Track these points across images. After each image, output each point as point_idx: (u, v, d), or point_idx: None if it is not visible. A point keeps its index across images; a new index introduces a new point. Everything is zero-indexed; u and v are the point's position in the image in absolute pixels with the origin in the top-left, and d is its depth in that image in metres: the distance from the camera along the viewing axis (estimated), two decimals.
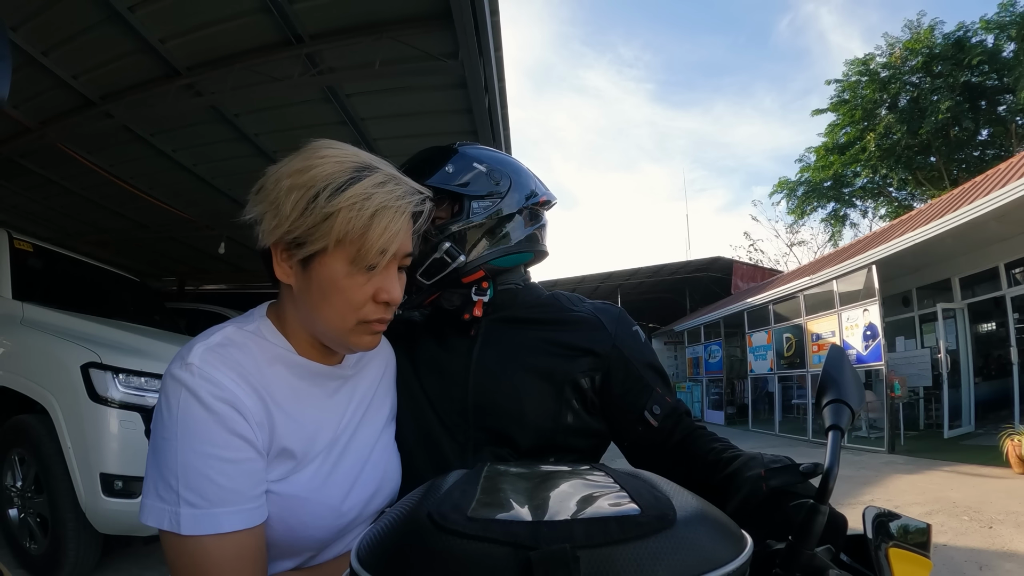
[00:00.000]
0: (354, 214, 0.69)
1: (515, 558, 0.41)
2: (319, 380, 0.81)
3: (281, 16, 3.97)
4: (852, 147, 18.44)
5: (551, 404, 0.95)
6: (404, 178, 0.77)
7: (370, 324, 0.76)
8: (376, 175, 0.73)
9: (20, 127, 5.09)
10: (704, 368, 15.99)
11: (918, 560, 0.59)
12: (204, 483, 0.65)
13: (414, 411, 0.98)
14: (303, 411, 0.77)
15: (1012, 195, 6.66)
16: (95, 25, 3.95)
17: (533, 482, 0.59)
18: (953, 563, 3.41)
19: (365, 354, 0.90)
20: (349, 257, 0.72)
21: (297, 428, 0.75)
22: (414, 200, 0.75)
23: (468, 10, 3.54)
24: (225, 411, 0.68)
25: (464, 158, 1.00)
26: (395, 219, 0.72)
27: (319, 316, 0.75)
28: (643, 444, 0.98)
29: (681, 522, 0.45)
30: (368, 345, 0.79)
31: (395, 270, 0.77)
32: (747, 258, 24.43)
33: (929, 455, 7.51)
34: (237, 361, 0.72)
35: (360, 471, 0.82)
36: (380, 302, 0.75)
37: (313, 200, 0.70)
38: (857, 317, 9.15)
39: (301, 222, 0.71)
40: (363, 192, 0.70)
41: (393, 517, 0.53)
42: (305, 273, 0.74)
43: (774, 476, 0.73)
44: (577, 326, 1.01)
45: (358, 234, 0.70)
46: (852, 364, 0.72)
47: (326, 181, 0.70)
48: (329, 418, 0.81)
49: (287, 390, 0.76)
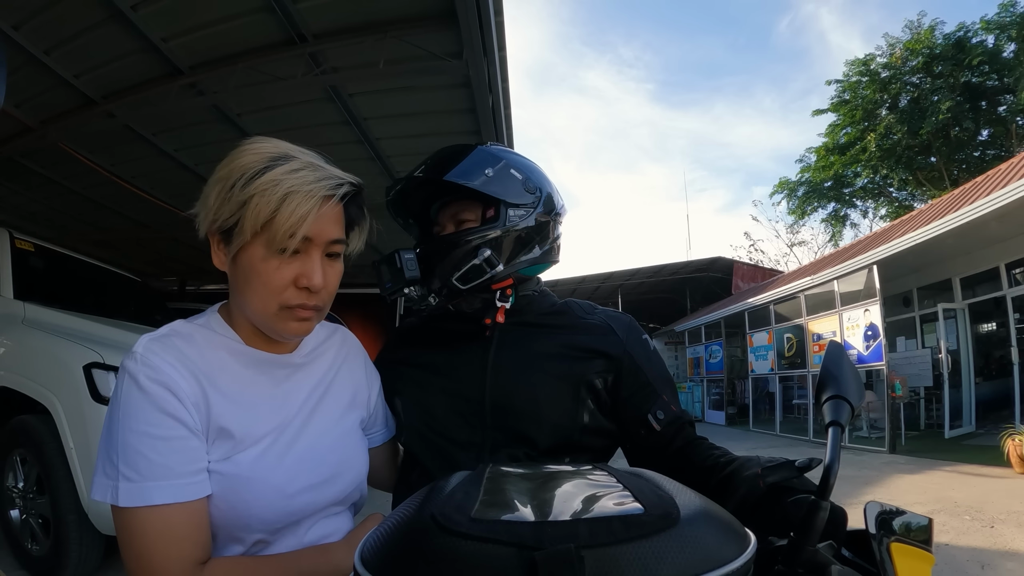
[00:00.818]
0: (264, 199, 0.73)
1: (519, 559, 0.41)
2: (266, 368, 0.84)
3: (284, 15, 3.96)
4: (852, 147, 18.41)
5: (568, 404, 0.97)
6: (326, 167, 0.79)
7: (293, 310, 0.78)
8: (292, 163, 0.76)
9: (21, 126, 5.09)
10: (705, 368, 15.97)
11: (920, 554, 0.59)
12: (138, 459, 0.70)
13: (427, 412, 0.99)
14: (244, 395, 0.80)
15: (1013, 195, 6.65)
16: (97, 24, 3.95)
17: (536, 482, 0.59)
18: (955, 562, 3.41)
19: (320, 344, 0.93)
20: (265, 242, 0.75)
21: (236, 410, 0.78)
22: (326, 185, 0.76)
23: (473, 9, 3.53)
24: (159, 392, 0.72)
25: (503, 163, 1.00)
26: (304, 202, 0.73)
27: (246, 302, 0.79)
28: (644, 448, 1.00)
29: (685, 520, 0.45)
30: (295, 331, 0.81)
31: (317, 256, 0.78)
32: (747, 258, 24.46)
33: (930, 455, 7.50)
34: (178, 348, 0.77)
35: (313, 456, 0.83)
36: (301, 287, 0.77)
37: (231, 189, 0.75)
38: (858, 317, 9.14)
39: (222, 211, 0.75)
40: (274, 179, 0.73)
41: (396, 519, 0.53)
42: (234, 262, 0.78)
43: (770, 473, 0.74)
44: (590, 331, 1.03)
45: (269, 218, 0.73)
46: (851, 361, 0.72)
47: (242, 171, 0.75)
48: (277, 404, 0.83)
49: (228, 376, 0.79)
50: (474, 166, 0.98)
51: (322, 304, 0.81)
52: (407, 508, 0.53)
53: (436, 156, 1.02)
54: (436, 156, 1.02)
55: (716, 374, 15.36)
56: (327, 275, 0.80)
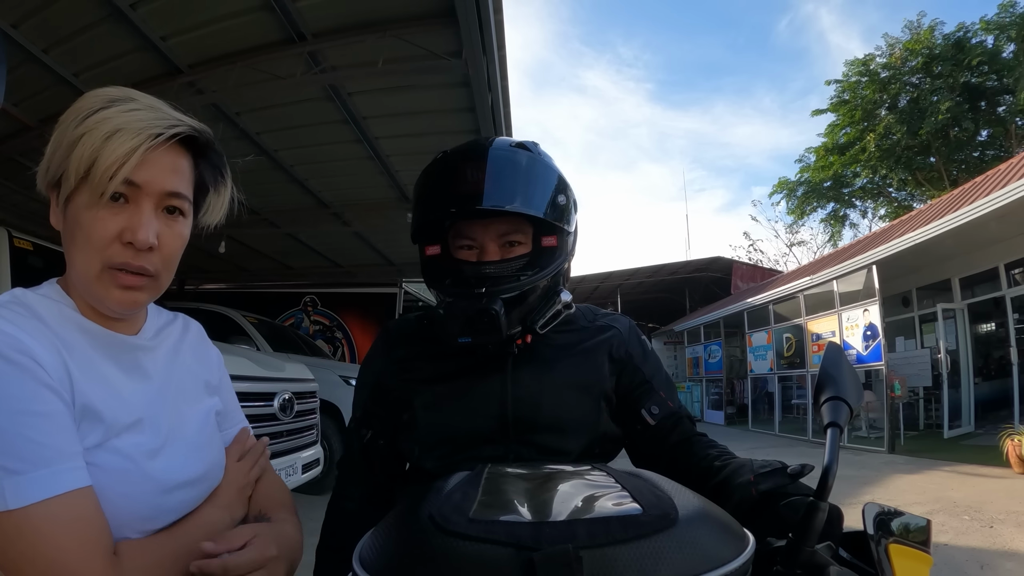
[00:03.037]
0: (91, 138, 0.64)
1: (517, 559, 0.41)
2: (113, 349, 0.73)
3: (283, 14, 3.96)
4: (852, 147, 18.42)
5: (591, 415, 0.97)
6: (169, 111, 0.70)
7: (116, 274, 0.67)
8: (130, 104, 0.68)
9: (20, 125, 5.08)
10: (704, 368, 15.98)
11: (919, 556, 0.59)
12: (21, 443, 0.57)
13: (445, 431, 0.96)
14: (100, 375, 0.70)
15: (1012, 196, 6.66)
16: (96, 22, 3.94)
17: (534, 483, 0.59)
18: (954, 562, 3.42)
19: (163, 328, 0.83)
20: (90, 188, 0.65)
21: (99, 390, 0.68)
22: (161, 124, 0.67)
23: (472, 8, 3.53)
24: (27, 362, 0.60)
25: (562, 182, 0.92)
26: (128, 139, 0.64)
27: (72, 263, 0.69)
28: (641, 443, 1.00)
29: (683, 521, 0.45)
30: (120, 300, 0.69)
31: (148, 208, 0.68)
32: (747, 258, 24.47)
33: (929, 455, 7.51)
34: (28, 317, 0.66)
35: (186, 451, 0.75)
36: (125, 243, 0.66)
37: (64, 134, 0.67)
38: (857, 317, 9.15)
39: (54, 159, 0.68)
40: (105, 116, 0.65)
41: (395, 519, 0.53)
42: (65, 216, 0.69)
43: (763, 480, 0.74)
44: (596, 336, 1.03)
45: (93, 158, 0.64)
46: (850, 362, 0.72)
47: (76, 112, 0.67)
48: (138, 390, 0.73)
49: (80, 353, 0.68)
50: (542, 188, 0.88)
51: (153, 269, 0.69)
52: (406, 508, 0.53)
53: (484, 164, 0.87)
54: (484, 164, 0.87)
55: (715, 374, 15.36)
56: (163, 236, 0.69)
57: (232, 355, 3.70)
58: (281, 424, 3.76)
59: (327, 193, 6.86)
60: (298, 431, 4.01)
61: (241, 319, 6.52)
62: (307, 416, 4.20)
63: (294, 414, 3.92)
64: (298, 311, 10.02)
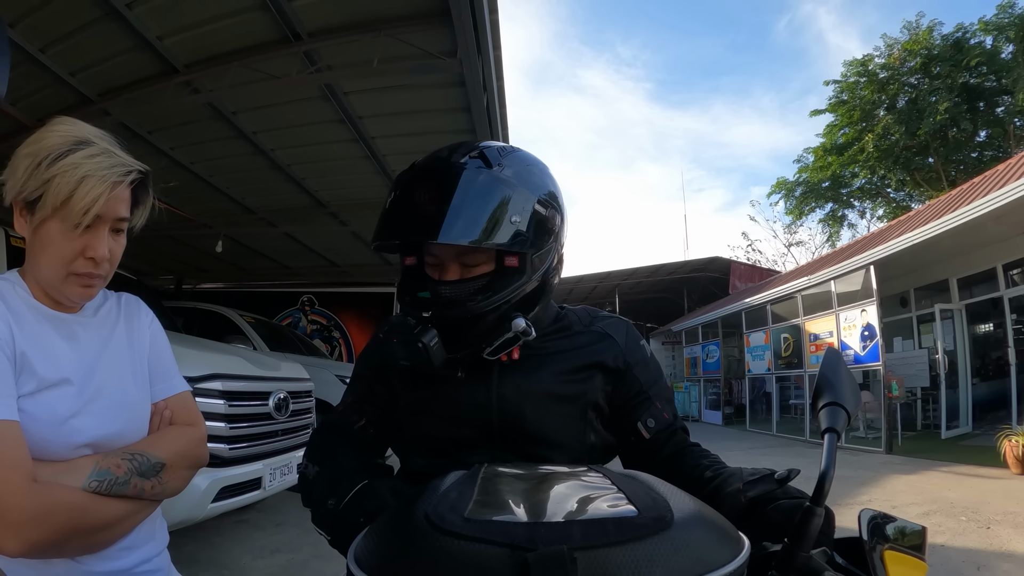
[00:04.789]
0: (65, 180, 0.84)
1: (512, 559, 0.41)
2: (56, 324, 0.94)
3: (279, 13, 3.96)
4: (850, 148, 18.46)
5: (577, 427, 0.96)
6: (120, 154, 0.90)
7: (80, 277, 0.90)
8: (91, 148, 0.87)
9: (17, 124, 5.06)
10: (702, 368, 16.00)
11: (913, 562, 0.58)
12: None
13: (429, 427, 0.96)
14: (41, 340, 0.89)
15: (1010, 196, 6.67)
16: (93, 22, 3.93)
17: (530, 483, 0.58)
18: (951, 563, 3.42)
19: (102, 305, 1.03)
20: (63, 217, 0.85)
21: (37, 352, 0.87)
22: (118, 171, 0.88)
23: (467, 8, 3.53)
24: None
25: (530, 200, 0.86)
26: (97, 185, 0.85)
27: (40, 267, 0.90)
28: (635, 453, 1.01)
29: (678, 524, 0.44)
30: (80, 295, 0.93)
31: (104, 232, 0.90)
32: (745, 258, 24.49)
33: (926, 455, 7.52)
34: None
35: (109, 408, 0.93)
36: (87, 258, 0.89)
37: (37, 167, 0.85)
38: (855, 317, 9.16)
39: (28, 185, 0.86)
40: (74, 162, 0.85)
41: (390, 518, 0.52)
42: (34, 232, 0.89)
43: (752, 487, 0.75)
44: (589, 344, 1.00)
45: (67, 197, 0.84)
46: (848, 367, 0.72)
47: (48, 151, 0.85)
48: (73, 356, 0.93)
49: (26, 324, 0.89)
50: (505, 210, 0.82)
51: (105, 273, 0.93)
52: (401, 507, 0.53)
53: (445, 190, 0.82)
54: (445, 190, 0.82)
55: (713, 374, 15.38)
56: (112, 248, 0.92)
57: (227, 354, 3.69)
58: (276, 423, 3.74)
59: (324, 192, 6.86)
60: (293, 430, 3.99)
61: (238, 318, 6.52)
62: (302, 416, 4.18)
63: (289, 413, 3.90)
64: (295, 310, 10.02)
